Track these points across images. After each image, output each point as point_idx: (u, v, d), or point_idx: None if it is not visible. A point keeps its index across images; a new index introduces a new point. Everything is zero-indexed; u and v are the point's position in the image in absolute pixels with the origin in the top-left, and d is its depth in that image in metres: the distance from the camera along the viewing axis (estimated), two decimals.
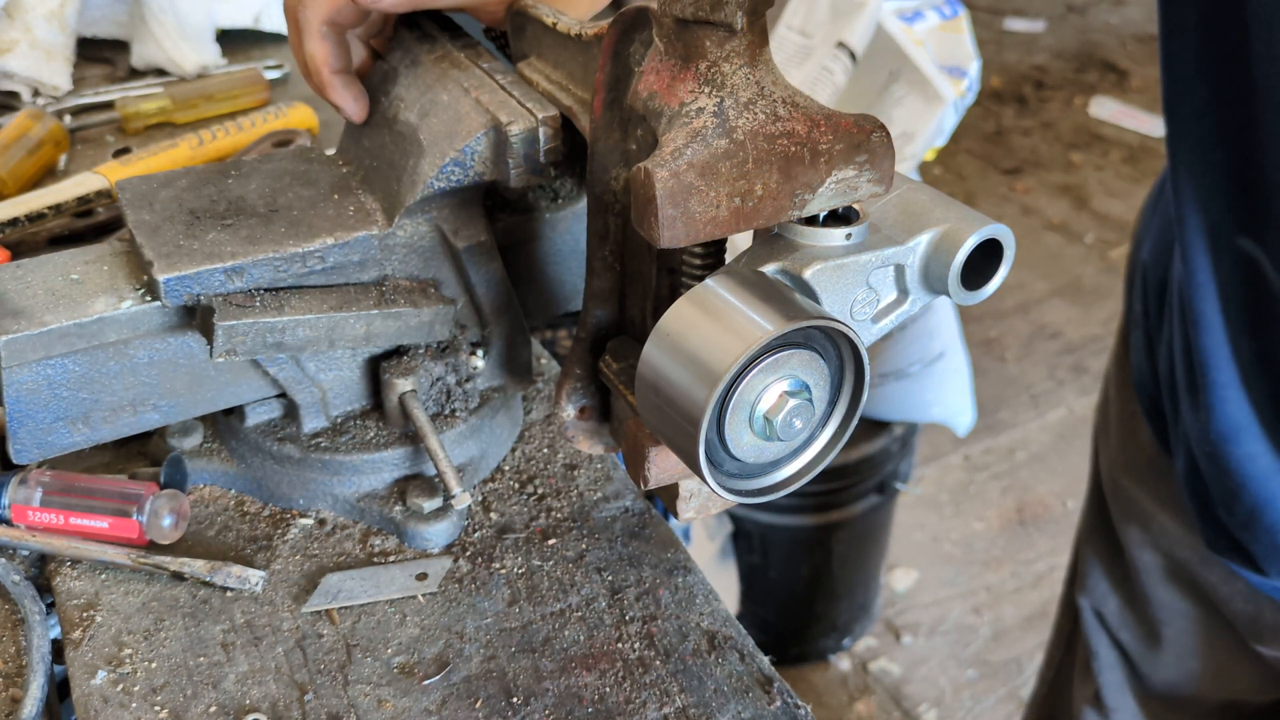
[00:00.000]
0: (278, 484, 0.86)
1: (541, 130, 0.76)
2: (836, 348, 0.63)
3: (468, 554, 0.83)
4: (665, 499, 0.75)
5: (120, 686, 0.73)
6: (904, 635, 2.48)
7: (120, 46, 1.49)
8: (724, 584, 2.23)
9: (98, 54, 1.50)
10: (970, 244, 0.64)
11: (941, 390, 2.10)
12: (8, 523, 0.82)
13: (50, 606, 0.80)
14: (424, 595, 0.80)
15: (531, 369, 0.91)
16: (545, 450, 0.93)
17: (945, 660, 2.43)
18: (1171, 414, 0.97)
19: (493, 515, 0.87)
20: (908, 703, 2.35)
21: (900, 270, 0.66)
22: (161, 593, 0.79)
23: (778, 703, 0.73)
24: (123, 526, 0.81)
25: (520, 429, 0.94)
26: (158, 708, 0.72)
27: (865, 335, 0.66)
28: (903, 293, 0.67)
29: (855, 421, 0.65)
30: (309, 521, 0.86)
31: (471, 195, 0.83)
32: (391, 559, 0.83)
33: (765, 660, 0.76)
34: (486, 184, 0.80)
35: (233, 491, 0.88)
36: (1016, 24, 5.38)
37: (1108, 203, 4.02)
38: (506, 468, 0.91)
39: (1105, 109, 4.62)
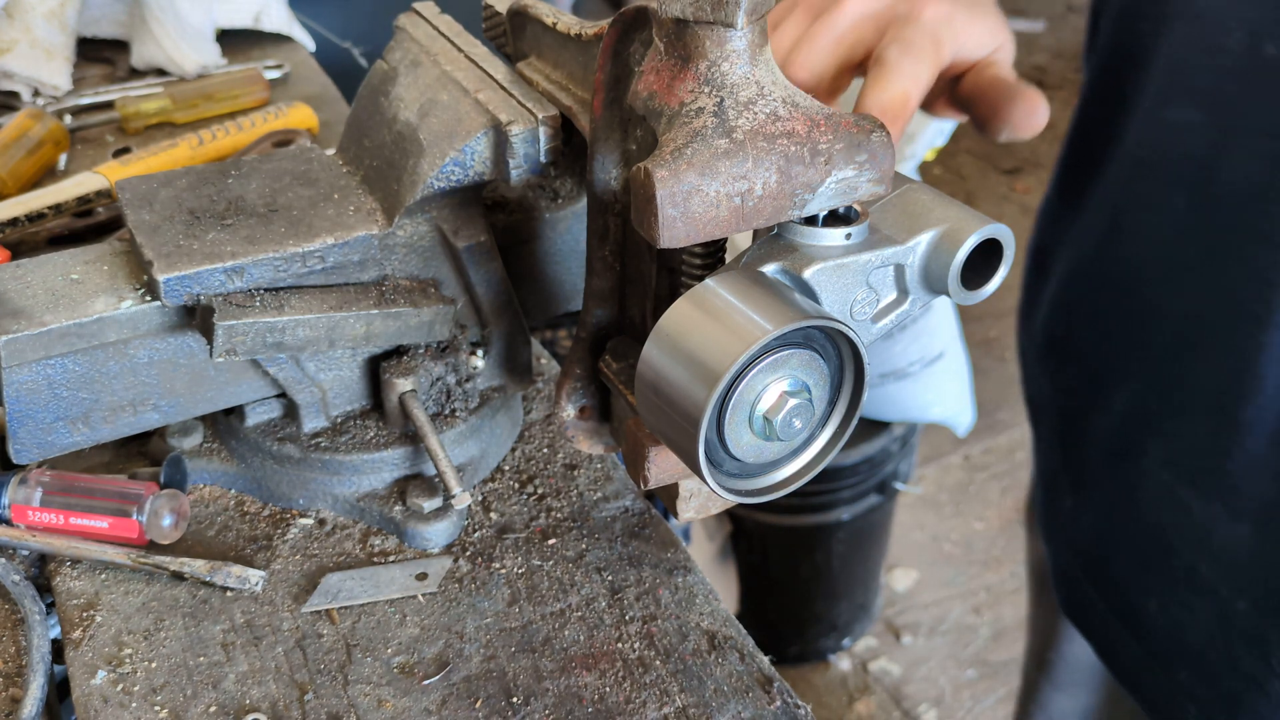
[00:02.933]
0: (278, 484, 0.86)
1: (541, 130, 0.76)
2: (836, 348, 0.63)
3: (468, 554, 0.83)
4: (665, 499, 0.75)
5: (120, 686, 0.73)
6: (904, 635, 2.48)
7: (120, 46, 1.49)
8: (724, 584, 2.23)
9: (98, 54, 1.50)
10: (970, 244, 0.64)
11: (941, 390, 2.10)
12: (8, 523, 0.82)
13: (50, 606, 0.80)
14: (424, 595, 0.80)
15: (531, 369, 0.91)
16: (545, 450, 0.93)
17: (945, 660, 2.43)
18: None
19: (493, 515, 0.87)
20: (908, 703, 2.35)
21: (900, 270, 0.66)
22: (161, 593, 0.79)
23: (778, 703, 0.73)
24: (123, 526, 0.81)
25: (520, 429, 0.94)
26: (158, 708, 0.72)
27: (865, 335, 0.66)
28: (903, 293, 0.67)
29: (855, 421, 0.65)
30: (309, 521, 0.86)
31: (471, 195, 0.83)
32: (391, 559, 0.83)
33: (765, 660, 0.76)
34: (486, 183, 0.80)
35: (233, 491, 0.88)
36: (1017, 24, 5.38)
37: None
38: (506, 468, 0.91)
39: None
